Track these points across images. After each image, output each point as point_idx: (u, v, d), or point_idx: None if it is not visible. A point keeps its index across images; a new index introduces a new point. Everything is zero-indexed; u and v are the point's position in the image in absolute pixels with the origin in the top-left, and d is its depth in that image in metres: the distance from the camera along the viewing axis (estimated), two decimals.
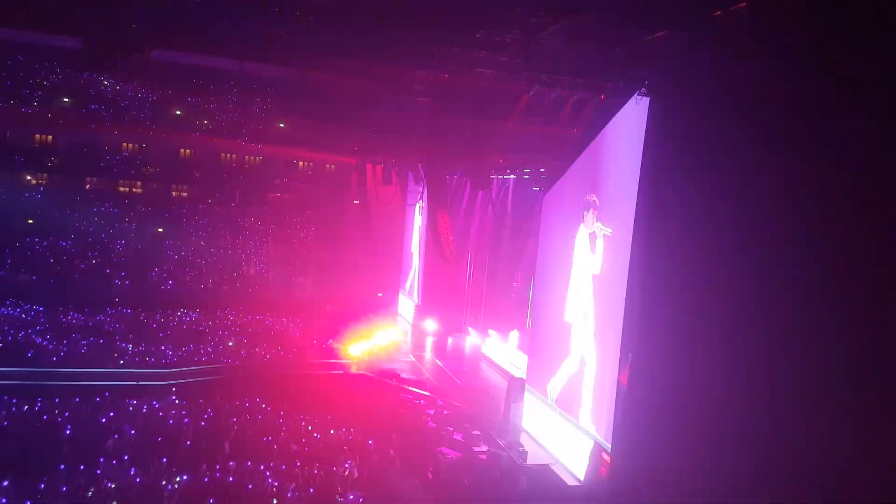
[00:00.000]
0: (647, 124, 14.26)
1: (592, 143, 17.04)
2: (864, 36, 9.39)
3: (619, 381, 14.87)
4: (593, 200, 16.86)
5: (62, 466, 14.66)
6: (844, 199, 9.93)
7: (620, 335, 14.93)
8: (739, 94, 11.96)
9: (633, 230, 14.60)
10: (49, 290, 29.45)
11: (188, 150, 37.98)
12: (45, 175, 35.52)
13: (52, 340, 23.81)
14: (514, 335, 25.67)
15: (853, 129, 9.77)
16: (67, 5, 14.71)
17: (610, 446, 15.11)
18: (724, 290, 12.07)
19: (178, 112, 36.30)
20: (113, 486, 14.30)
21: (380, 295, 36.68)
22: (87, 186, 36.49)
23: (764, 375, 11.11)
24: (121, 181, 37.12)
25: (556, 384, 18.60)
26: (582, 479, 16.42)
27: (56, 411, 17.90)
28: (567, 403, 17.89)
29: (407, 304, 36.68)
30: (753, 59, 11.56)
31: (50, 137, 35.76)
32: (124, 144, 36.82)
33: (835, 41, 9.90)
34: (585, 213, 17.17)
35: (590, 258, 16.92)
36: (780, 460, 10.72)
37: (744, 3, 11.13)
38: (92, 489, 14.03)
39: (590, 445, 16.22)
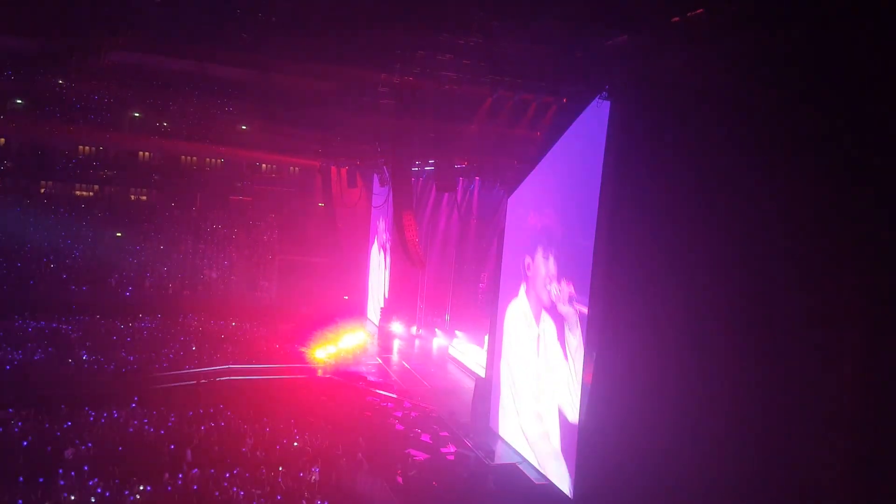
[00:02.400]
0: (607, 128, 14.53)
1: (555, 146, 17.28)
2: (817, 38, 9.74)
3: (583, 380, 15.10)
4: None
5: (21, 479, 14.25)
6: (806, 199, 10.25)
7: (584, 336, 15.18)
8: (698, 97, 12.27)
9: (595, 234, 14.84)
10: (3, 298, 28.51)
11: (147, 153, 37.21)
12: None
13: (6, 349, 23.08)
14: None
15: (812, 130, 10.10)
16: (21, 5, 14.34)
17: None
18: (685, 291, 12.37)
19: (136, 114, 35.55)
20: (73, 497, 13.96)
21: (346, 298, 36.50)
22: (42, 191, 35.47)
23: (725, 372, 11.42)
24: (77, 185, 36.17)
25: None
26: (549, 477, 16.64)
27: (12, 422, 17.38)
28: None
29: (373, 306, 36.58)
30: (710, 63, 11.88)
31: (2, 140, 34.68)
32: (80, 147, 35.88)
33: (790, 44, 10.24)
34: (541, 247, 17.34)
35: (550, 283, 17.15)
36: (739, 444, 11.06)
37: (701, 10, 11.45)
38: (48, 502, 13.68)
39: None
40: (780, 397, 10.42)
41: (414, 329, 32.91)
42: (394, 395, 23.38)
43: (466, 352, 27.13)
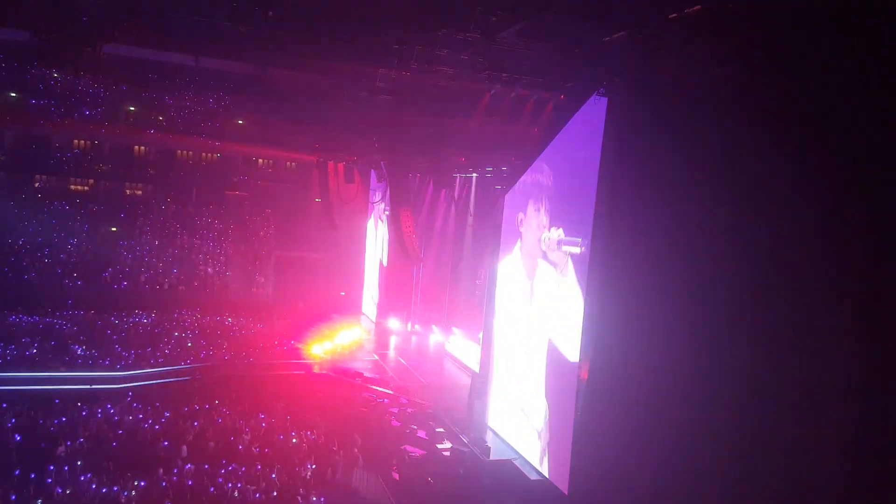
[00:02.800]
0: (605, 124, 14.50)
1: (552, 143, 17.24)
2: (817, 36, 9.71)
3: (579, 376, 15.08)
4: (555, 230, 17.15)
5: (17, 472, 14.18)
6: (801, 195, 10.26)
7: (580, 333, 15.16)
8: (694, 94, 12.25)
9: (592, 228, 14.84)
10: None
11: (143, 147, 36.99)
12: None
13: (0, 343, 22.96)
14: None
15: (811, 128, 10.10)
16: None
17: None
18: (682, 286, 12.34)
19: (131, 108, 35.35)
20: (67, 492, 13.90)
21: (342, 294, 36.44)
22: (37, 184, 35.26)
23: (723, 366, 11.40)
24: (72, 179, 35.95)
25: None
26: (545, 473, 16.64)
27: (5, 417, 17.30)
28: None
29: (370, 302, 36.53)
30: (707, 60, 11.85)
31: None
32: (76, 141, 35.68)
33: (788, 42, 10.22)
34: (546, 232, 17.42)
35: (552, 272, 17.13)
36: (736, 439, 11.06)
37: (699, 7, 11.40)
38: (40, 499, 13.61)
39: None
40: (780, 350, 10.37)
41: (410, 325, 32.90)
42: (390, 392, 23.35)
43: (463, 348, 27.11)
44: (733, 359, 11.11)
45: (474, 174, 27.07)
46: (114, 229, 33.75)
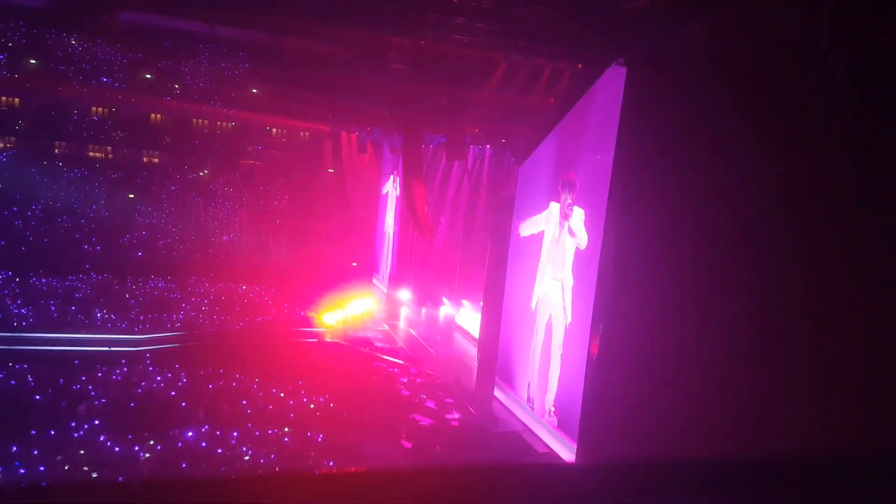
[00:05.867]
0: (623, 95, 14.28)
1: (569, 114, 17.06)
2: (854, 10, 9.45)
3: (589, 350, 15.14)
4: (570, 182, 16.96)
5: (33, 432, 14.58)
6: (823, 177, 10.09)
7: (592, 306, 15.17)
8: (718, 65, 12.01)
9: (608, 202, 14.72)
10: (18, 256, 28.90)
11: (159, 115, 37.09)
12: (12, 139, 34.50)
13: (22, 306, 23.46)
14: None
15: (839, 107, 9.87)
16: None
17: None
18: (699, 263, 12.28)
19: (148, 76, 35.36)
20: (83, 451, 14.28)
21: (354, 264, 36.62)
22: (56, 151, 35.56)
23: (743, 350, 11.37)
24: (90, 146, 36.20)
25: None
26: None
27: (27, 377, 17.73)
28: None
29: (381, 273, 36.71)
30: (734, 31, 11.60)
31: (17, 100, 34.63)
32: (94, 108, 35.83)
33: (822, 13, 9.93)
34: (563, 194, 17.26)
35: (565, 236, 17.09)
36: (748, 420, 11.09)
37: None
38: (61, 455, 14.01)
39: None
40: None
41: (420, 297, 32.98)
42: (400, 362, 23.59)
43: (473, 321, 27.23)
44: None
45: (488, 146, 26.92)
46: (131, 196, 34.07)
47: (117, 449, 14.50)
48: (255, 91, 36.37)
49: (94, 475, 13.50)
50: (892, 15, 8.91)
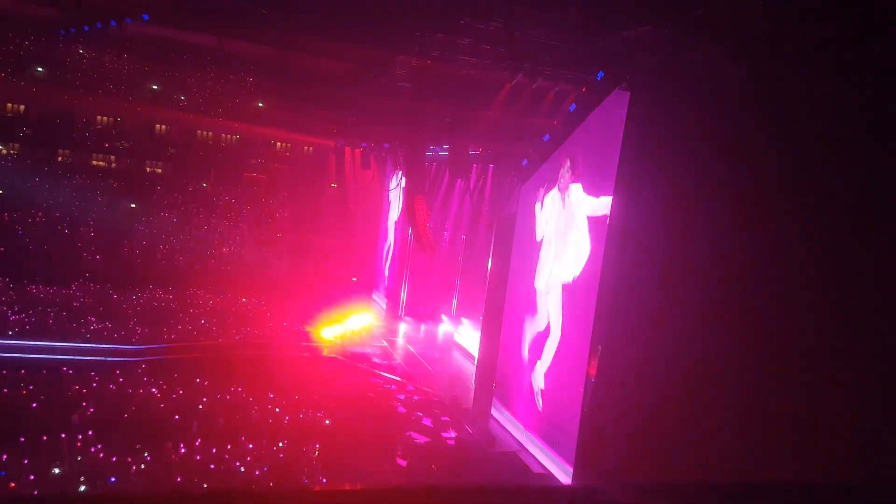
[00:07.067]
0: (626, 119, 14.37)
1: (572, 135, 17.14)
2: (847, 34, 9.56)
3: (588, 372, 15.06)
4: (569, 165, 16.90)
5: (24, 439, 14.46)
6: (822, 189, 10.17)
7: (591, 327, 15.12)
8: (719, 90, 12.13)
9: (608, 230, 14.71)
10: (17, 262, 28.86)
11: (163, 126, 37.31)
12: (16, 145, 34.67)
13: (19, 312, 23.38)
14: None
15: (839, 127, 9.97)
16: None
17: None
18: (698, 283, 12.28)
19: (154, 86, 35.62)
20: (78, 459, 14.16)
21: (354, 279, 36.61)
22: (60, 158, 35.70)
23: (750, 365, 11.34)
24: (94, 154, 36.36)
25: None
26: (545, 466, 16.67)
27: (21, 384, 17.63)
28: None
29: (381, 289, 36.66)
30: (733, 56, 11.73)
31: (22, 107, 34.88)
32: (98, 118, 36.05)
33: (818, 39, 10.06)
34: (561, 179, 17.18)
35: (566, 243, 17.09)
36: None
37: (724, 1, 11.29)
38: (56, 465, 13.88)
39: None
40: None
41: (419, 314, 32.94)
42: (397, 378, 23.47)
43: (471, 339, 27.15)
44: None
45: (490, 165, 27.01)
46: (133, 205, 34.14)
47: (114, 459, 14.36)
48: (260, 104, 36.63)
49: (84, 488, 13.36)
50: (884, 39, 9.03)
